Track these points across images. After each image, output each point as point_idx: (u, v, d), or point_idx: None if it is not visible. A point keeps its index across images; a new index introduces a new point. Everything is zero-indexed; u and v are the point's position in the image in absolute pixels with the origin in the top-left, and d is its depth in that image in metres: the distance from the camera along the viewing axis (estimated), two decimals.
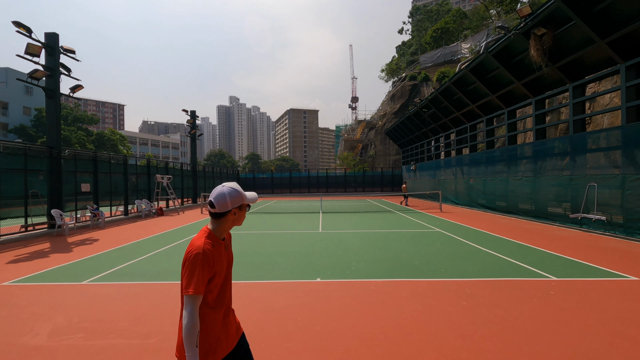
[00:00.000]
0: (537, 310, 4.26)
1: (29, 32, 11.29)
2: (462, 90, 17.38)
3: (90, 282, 5.78)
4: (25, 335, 3.76)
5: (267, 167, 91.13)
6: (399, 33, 74.07)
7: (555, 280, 5.55)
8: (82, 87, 13.21)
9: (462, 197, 19.52)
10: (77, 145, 42.60)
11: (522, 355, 3.20)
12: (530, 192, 12.99)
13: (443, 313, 4.22)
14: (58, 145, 12.34)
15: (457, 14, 50.39)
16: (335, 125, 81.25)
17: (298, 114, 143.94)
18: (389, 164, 43.50)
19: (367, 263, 6.79)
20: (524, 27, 11.35)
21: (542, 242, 8.70)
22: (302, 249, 8.24)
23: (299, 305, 4.55)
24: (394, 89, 50.29)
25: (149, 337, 3.69)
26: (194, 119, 25.78)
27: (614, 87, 9.79)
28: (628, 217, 8.89)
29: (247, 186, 39.60)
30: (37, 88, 46.37)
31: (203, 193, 25.28)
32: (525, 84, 13.08)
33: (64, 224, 11.24)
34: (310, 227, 12.08)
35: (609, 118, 14.49)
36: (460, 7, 65.86)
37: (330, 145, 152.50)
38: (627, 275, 5.73)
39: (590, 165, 10.20)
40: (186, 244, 9.05)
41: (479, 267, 6.39)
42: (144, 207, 17.04)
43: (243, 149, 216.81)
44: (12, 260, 7.52)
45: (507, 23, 31.92)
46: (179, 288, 5.35)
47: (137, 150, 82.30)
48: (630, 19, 8.68)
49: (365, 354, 3.28)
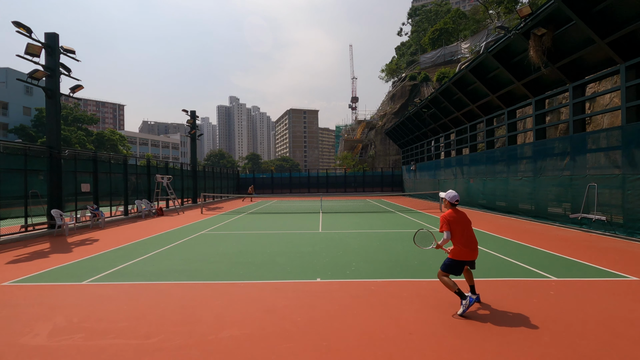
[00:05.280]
0: (537, 310, 4.26)
1: (29, 32, 11.29)
2: (462, 90, 17.38)
3: (90, 282, 5.78)
4: (25, 335, 3.76)
5: (267, 167, 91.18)
6: (397, 35, 74.12)
7: (555, 280, 5.55)
8: (82, 87, 13.21)
9: (462, 197, 19.51)
10: (77, 145, 42.61)
11: (522, 355, 3.20)
12: (530, 192, 12.99)
13: (443, 313, 4.22)
14: (58, 146, 12.34)
15: (456, 14, 50.38)
16: (335, 125, 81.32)
17: (298, 114, 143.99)
18: (389, 164, 43.52)
19: (367, 263, 6.79)
20: (523, 27, 11.35)
21: (542, 242, 8.70)
22: (302, 249, 8.24)
23: (299, 305, 4.55)
24: (394, 89, 50.33)
25: (149, 337, 3.69)
26: (194, 119, 25.78)
27: (614, 87, 9.79)
28: (628, 217, 8.89)
29: (247, 186, 39.61)
30: (37, 88, 46.32)
31: (203, 193, 25.27)
32: (525, 84, 13.08)
33: (64, 224, 11.25)
34: (310, 227, 12.08)
35: (609, 118, 14.49)
36: (460, 7, 65.89)
37: (330, 145, 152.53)
38: (627, 275, 5.73)
39: (590, 165, 10.20)
40: (186, 244, 9.08)
41: (479, 267, 6.36)
42: (144, 207, 17.04)
43: (243, 149, 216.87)
44: (12, 260, 7.52)
45: (507, 23, 31.94)
46: (178, 288, 5.37)
47: (137, 150, 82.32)
48: (630, 19, 8.68)
49: (365, 353, 3.28)
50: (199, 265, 6.80)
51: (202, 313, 4.33)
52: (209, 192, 28.63)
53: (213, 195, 28.89)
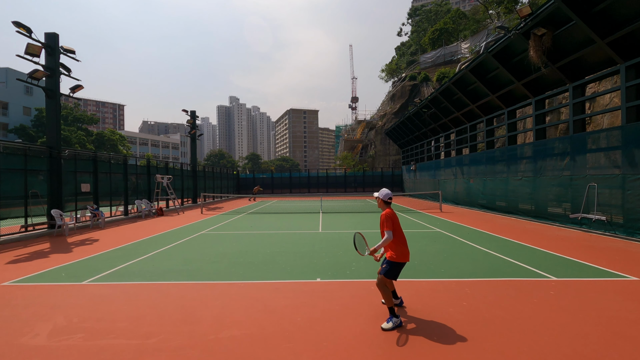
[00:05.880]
0: (537, 310, 4.26)
1: (29, 32, 11.29)
2: (462, 90, 17.38)
3: (90, 282, 5.78)
4: (25, 335, 3.76)
5: (267, 167, 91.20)
6: (397, 35, 74.17)
7: (555, 280, 5.56)
8: (82, 87, 13.21)
9: (462, 198, 19.52)
10: (77, 145, 42.62)
11: (522, 355, 3.20)
12: (530, 192, 12.98)
13: (443, 313, 4.22)
14: (58, 145, 12.34)
15: (456, 14, 50.38)
16: (335, 125, 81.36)
17: (298, 114, 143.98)
18: (389, 164, 43.51)
19: (367, 263, 6.79)
20: (523, 27, 11.35)
21: (542, 242, 8.70)
22: (302, 249, 8.24)
23: (299, 305, 4.55)
24: (394, 89, 50.31)
25: (149, 337, 3.69)
26: (194, 119, 25.78)
27: (614, 87, 9.79)
28: (628, 217, 8.89)
29: (247, 186, 39.65)
30: (37, 88, 46.40)
31: (203, 193, 25.28)
32: (525, 84, 13.08)
33: (64, 224, 11.25)
34: (310, 227, 12.08)
35: (609, 118, 14.49)
36: (460, 7, 65.89)
37: (330, 146, 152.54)
38: (627, 275, 5.73)
39: (590, 165, 10.20)
40: (186, 244, 9.09)
41: (479, 267, 6.39)
42: (144, 207, 17.04)
43: (243, 149, 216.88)
44: (12, 260, 7.52)
45: (507, 23, 31.94)
46: (178, 288, 5.37)
47: (137, 150, 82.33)
48: (630, 19, 8.68)
49: (366, 354, 3.28)
50: (199, 265, 6.80)
51: (202, 313, 4.33)
52: (209, 192, 28.63)
53: (213, 195, 28.87)
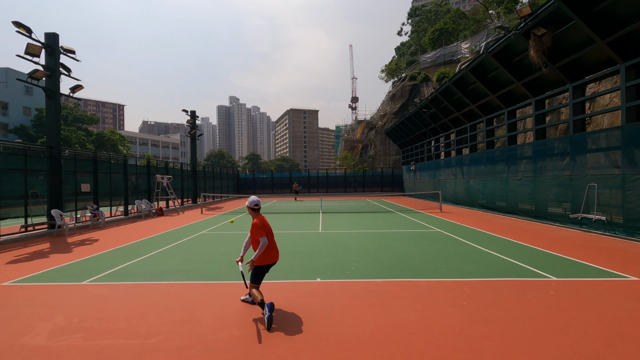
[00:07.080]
0: (537, 310, 4.26)
1: (29, 32, 11.29)
2: (462, 90, 17.38)
3: (90, 282, 5.78)
4: (25, 335, 3.76)
5: (267, 167, 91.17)
6: (397, 35, 74.14)
7: (555, 280, 5.56)
8: (82, 87, 13.21)
9: (462, 198, 19.52)
10: (77, 145, 42.62)
11: (522, 355, 3.20)
12: (530, 192, 12.99)
13: (443, 313, 4.22)
14: (58, 145, 12.34)
15: (456, 14, 50.37)
16: (335, 125, 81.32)
17: (298, 114, 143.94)
18: (389, 164, 43.51)
19: (367, 263, 6.79)
20: (523, 27, 11.35)
21: (542, 242, 8.70)
22: (302, 249, 8.24)
23: (299, 305, 4.55)
24: (394, 89, 50.31)
25: (149, 337, 3.69)
26: (194, 119, 25.77)
27: (614, 87, 9.79)
28: (628, 217, 8.89)
29: (247, 186, 39.65)
30: (37, 88, 46.39)
31: (203, 193, 25.27)
32: (525, 84, 13.08)
33: (64, 224, 11.24)
34: (310, 227, 12.08)
35: (609, 118, 14.49)
36: (460, 7, 65.86)
37: (330, 146, 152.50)
38: (627, 275, 5.73)
39: (590, 165, 10.20)
40: (186, 244, 9.09)
41: (479, 267, 6.39)
42: (144, 207, 17.04)
43: (243, 149, 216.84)
44: (12, 260, 7.52)
45: (507, 23, 31.93)
46: (178, 288, 5.37)
47: (137, 150, 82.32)
48: (630, 19, 8.68)
49: (365, 354, 3.28)
50: (199, 265, 6.80)
51: (202, 313, 4.33)
52: (209, 192, 28.62)
53: (213, 195, 28.87)
